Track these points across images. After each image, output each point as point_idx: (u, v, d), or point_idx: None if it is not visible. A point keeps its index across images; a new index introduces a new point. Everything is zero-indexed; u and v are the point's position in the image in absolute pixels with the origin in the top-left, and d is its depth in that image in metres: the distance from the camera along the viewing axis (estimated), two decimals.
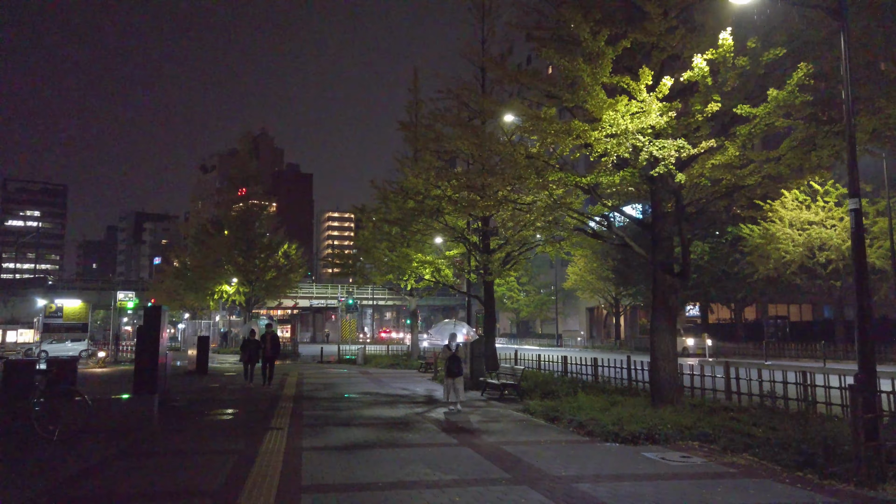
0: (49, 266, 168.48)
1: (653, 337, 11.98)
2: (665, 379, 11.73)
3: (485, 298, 22.52)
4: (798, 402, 11.40)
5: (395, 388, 18.83)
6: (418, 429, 11.22)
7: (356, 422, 12.07)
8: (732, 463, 8.29)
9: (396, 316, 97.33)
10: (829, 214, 34.86)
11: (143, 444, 9.80)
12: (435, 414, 13.20)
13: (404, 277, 28.09)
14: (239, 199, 44.44)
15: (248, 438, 10.22)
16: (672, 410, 11.09)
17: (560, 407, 12.51)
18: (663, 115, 9.19)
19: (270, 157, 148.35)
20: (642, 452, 8.96)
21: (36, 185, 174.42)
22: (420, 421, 12.20)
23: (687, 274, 11.74)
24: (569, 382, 16.78)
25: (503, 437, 10.41)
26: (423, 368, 25.75)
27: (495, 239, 23.31)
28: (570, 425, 11.27)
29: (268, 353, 19.19)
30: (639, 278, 48.93)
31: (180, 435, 10.67)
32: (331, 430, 11.07)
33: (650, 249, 11.89)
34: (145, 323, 15.07)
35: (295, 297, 73.51)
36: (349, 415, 13.04)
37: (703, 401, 12.78)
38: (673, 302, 11.92)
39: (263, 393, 17.32)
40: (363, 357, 31.40)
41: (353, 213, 30.94)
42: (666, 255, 11.83)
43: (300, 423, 11.82)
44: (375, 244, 28.33)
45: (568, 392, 14.94)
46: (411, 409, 14.10)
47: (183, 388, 18.84)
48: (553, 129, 10.20)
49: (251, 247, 42.90)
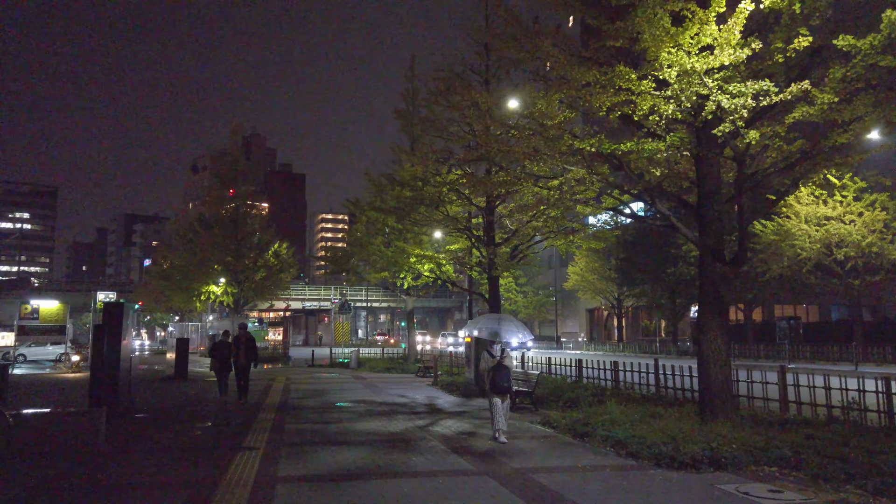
0: (39, 269, 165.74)
1: (701, 337, 10.05)
2: (717, 386, 9.79)
3: (490, 295, 20.56)
4: (880, 415, 9.49)
5: (392, 396, 16.86)
6: (422, 448, 9.25)
7: (347, 438, 10.09)
8: (843, 502, 6.34)
9: (391, 318, 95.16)
10: (848, 209, 33.12)
11: (75, 473, 7.78)
12: (440, 428, 11.23)
13: (401, 275, 26.13)
14: (228, 197, 42.45)
15: (212, 463, 8.23)
16: (728, 425, 9.17)
17: (589, 420, 10.56)
18: (742, 49, 7.20)
19: (262, 158, 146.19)
20: (715, 484, 7.00)
21: (25, 186, 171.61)
22: (423, 437, 10.23)
23: (742, 260, 9.83)
24: (586, 388, 14.86)
25: (529, 460, 8.44)
26: (420, 373, 23.81)
27: (500, 232, 21.39)
28: (605, 443, 9.32)
29: (241, 359, 14.92)
30: (643, 278, 47.16)
31: (128, 459, 8.66)
32: (316, 450, 9.09)
33: (698, 233, 9.93)
34: (104, 322, 13.09)
35: (287, 299, 71.43)
36: (339, 429, 11.06)
37: (755, 412, 10.87)
38: (725, 295, 9.99)
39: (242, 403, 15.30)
40: (357, 360, 29.41)
41: (347, 207, 28.97)
42: (716, 239, 9.89)
43: (280, 441, 9.83)
44: (370, 239, 26.37)
45: (591, 401, 13.00)
46: (411, 421, 12.13)
47: (155, 395, 16.83)
48: (589, 78, 8.22)
49: (240, 246, 40.95)
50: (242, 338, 15.09)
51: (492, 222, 20.45)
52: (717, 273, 9.85)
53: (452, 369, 22.49)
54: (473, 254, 22.61)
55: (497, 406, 9.72)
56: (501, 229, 21.71)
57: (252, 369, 15.38)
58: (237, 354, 14.95)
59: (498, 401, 9.74)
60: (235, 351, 14.99)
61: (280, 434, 10.53)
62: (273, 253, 43.71)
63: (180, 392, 17.90)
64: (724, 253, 9.93)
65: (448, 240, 24.20)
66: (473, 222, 22.55)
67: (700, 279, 10.15)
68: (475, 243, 20.58)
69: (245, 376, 14.97)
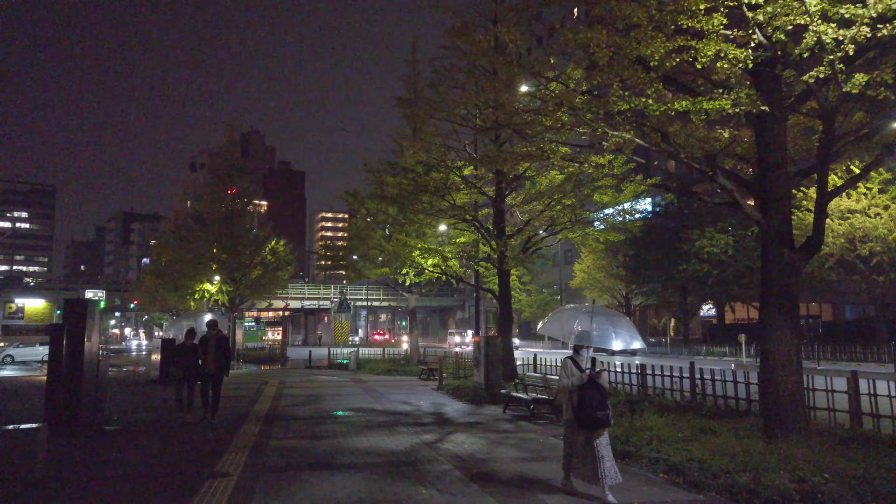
0: (37, 268, 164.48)
1: (765, 337, 8.39)
2: (787, 396, 8.13)
3: (499, 291, 18.93)
4: None
5: (395, 402, 15.20)
6: (433, 475, 7.59)
7: (341, 460, 8.43)
8: None
9: (392, 318, 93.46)
10: (873, 202, 31.53)
11: None
12: (451, 445, 9.56)
13: (402, 270, 24.48)
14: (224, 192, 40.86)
15: (169, 498, 6.59)
16: (803, 445, 7.52)
17: (629, 436, 8.91)
18: None
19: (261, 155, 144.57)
20: None
21: (24, 185, 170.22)
22: (433, 458, 8.56)
23: (816, 247, 8.19)
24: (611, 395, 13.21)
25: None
26: (424, 375, 22.13)
27: (509, 224, 19.77)
28: (654, 467, 7.66)
29: (209, 365, 11.72)
30: (653, 275, 45.52)
31: (63, 491, 6.98)
32: (301, 479, 7.43)
33: (761, 213, 8.25)
34: (64, 321, 11.43)
35: (285, 298, 69.91)
36: (333, 447, 9.40)
37: (819, 425, 9.19)
38: (794, 287, 8.32)
39: (225, 411, 13.64)
40: (356, 362, 27.75)
41: (345, 200, 27.31)
42: (783, 221, 8.24)
43: (260, 465, 8.17)
44: (370, 233, 24.73)
45: (621, 409, 11.34)
46: (418, 435, 10.46)
47: (133, 403, 15.19)
48: (640, 15, 6.54)
49: (236, 242, 39.39)
50: (212, 339, 11.88)
51: (502, 212, 18.81)
52: (785, 261, 8.19)
53: (459, 372, 20.82)
54: (480, 248, 21.00)
55: (595, 446, 6.46)
56: (511, 221, 20.09)
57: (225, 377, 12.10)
58: (205, 360, 11.79)
59: (586, 439, 6.58)
60: (203, 355, 11.83)
61: (262, 454, 8.86)
62: (270, 250, 42.19)
63: (162, 398, 16.24)
64: (791, 237, 8.27)
65: (453, 233, 22.58)
66: (481, 214, 20.93)
67: (763, 269, 8.48)
68: (484, 235, 18.93)
69: (216, 388, 11.87)
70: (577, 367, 6.83)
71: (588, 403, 6.50)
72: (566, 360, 6.97)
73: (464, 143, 19.12)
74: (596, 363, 6.86)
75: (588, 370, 6.74)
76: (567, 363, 6.92)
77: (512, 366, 18.25)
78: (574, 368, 6.83)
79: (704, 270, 41.11)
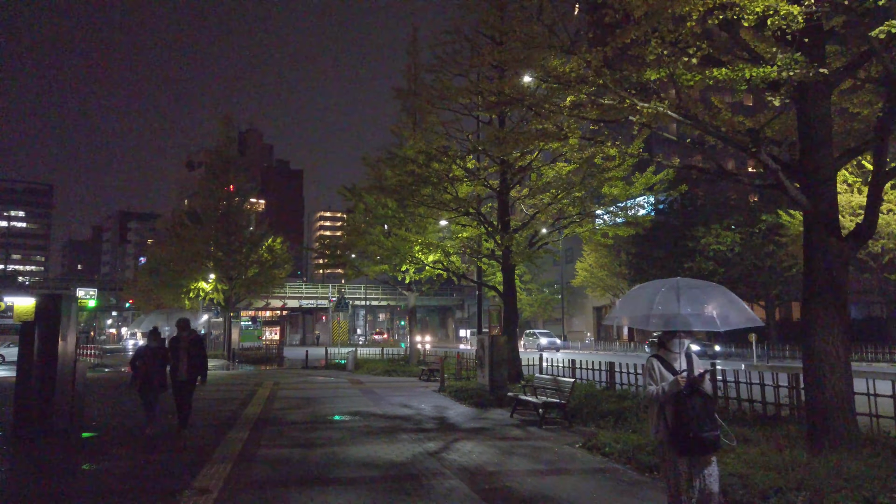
0: (34, 267, 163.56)
1: (809, 335, 7.51)
2: (834, 402, 7.27)
3: (504, 288, 18.06)
4: None
5: (394, 405, 14.32)
6: (439, 491, 6.71)
7: (336, 473, 7.56)
8: None
9: (391, 317, 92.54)
10: (885, 198, 30.68)
11: None
12: (458, 455, 8.68)
13: (402, 267, 23.60)
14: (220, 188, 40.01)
15: None
16: (855, 456, 6.67)
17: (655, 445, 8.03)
18: None
19: (259, 153, 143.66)
20: None
21: (20, 184, 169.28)
22: (437, 471, 7.67)
23: (868, 234, 7.33)
24: (625, 397, 12.35)
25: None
26: (424, 376, 21.26)
27: (514, 219, 18.91)
28: None
29: (181, 372, 10.05)
30: (657, 274, 44.66)
31: None
32: (290, 497, 6.55)
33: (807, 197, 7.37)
34: (36, 319, 10.55)
35: (283, 297, 69.08)
36: (327, 457, 8.51)
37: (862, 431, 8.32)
38: (842, 279, 7.45)
39: (213, 415, 12.77)
40: (354, 362, 26.88)
41: (343, 194, 26.42)
42: (829, 206, 7.38)
43: (245, 479, 7.29)
44: (368, 228, 23.84)
45: (641, 415, 10.45)
46: (420, 443, 9.58)
47: (117, 407, 14.31)
48: None
49: (231, 240, 38.56)
50: (184, 341, 10.14)
51: (506, 205, 17.94)
52: (833, 252, 7.32)
53: (461, 373, 19.92)
54: (483, 245, 20.15)
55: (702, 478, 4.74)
56: (516, 217, 19.24)
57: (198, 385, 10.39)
58: (175, 365, 10.04)
59: (687, 468, 4.79)
60: (173, 360, 10.07)
61: (248, 466, 7.98)
62: (267, 248, 41.36)
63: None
64: (839, 224, 7.40)
65: (455, 229, 21.72)
66: (484, 209, 20.07)
67: (806, 260, 7.61)
68: (488, 230, 18.06)
69: (186, 398, 10.26)
70: (666, 369, 4.89)
71: (688, 419, 4.62)
72: (651, 359, 5.03)
73: (466, 134, 18.26)
74: (694, 361, 4.90)
75: (685, 372, 4.80)
76: (653, 364, 4.96)
77: (517, 367, 17.40)
78: (663, 370, 4.89)
79: (710, 269, 40.30)
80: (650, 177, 16.79)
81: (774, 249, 37.40)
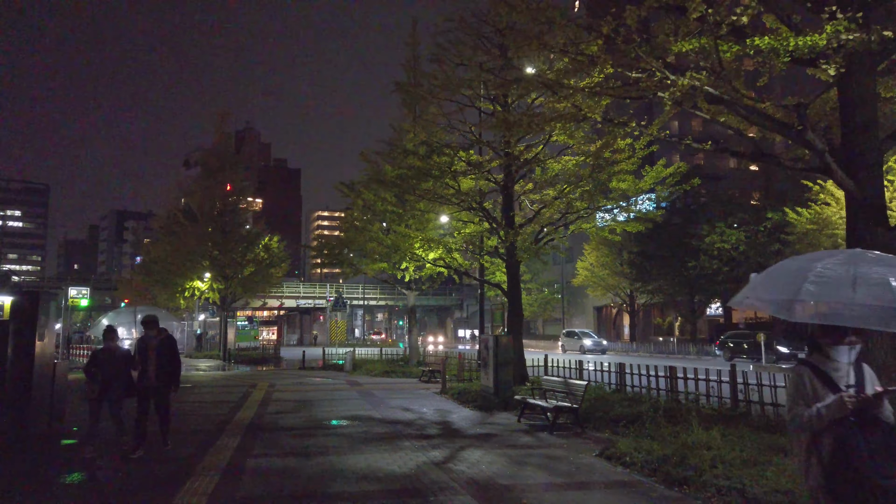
0: (31, 266, 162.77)
1: None
2: None
3: (508, 286, 17.40)
4: None
5: (394, 409, 13.63)
6: None
7: (332, 488, 6.85)
8: None
9: (389, 317, 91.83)
10: (894, 195, 30.03)
11: None
12: (465, 465, 7.98)
13: (402, 265, 22.91)
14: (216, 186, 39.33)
15: None
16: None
17: (684, 455, 7.34)
18: None
19: (257, 152, 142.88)
20: None
21: (17, 184, 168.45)
22: (445, 485, 6.97)
23: None
24: (639, 401, 11.68)
25: None
26: (425, 377, 20.56)
27: (518, 214, 18.24)
28: (725, 498, 6.11)
29: (150, 378, 8.67)
30: (659, 273, 44.01)
31: None
32: None
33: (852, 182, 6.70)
34: (11, 317, 9.86)
35: (280, 297, 68.37)
36: (323, 468, 7.81)
37: None
38: None
39: (203, 420, 12.06)
40: (352, 362, 26.19)
41: (340, 190, 25.76)
42: (876, 193, 6.71)
43: (231, 494, 6.60)
44: (367, 225, 23.16)
45: (658, 420, 9.78)
46: (423, 451, 8.88)
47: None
48: None
49: (227, 239, 37.88)
50: (152, 342, 8.73)
51: (511, 199, 17.27)
52: (880, 242, 6.65)
53: (463, 374, 19.23)
54: (486, 242, 19.48)
55: None
56: (521, 214, 18.56)
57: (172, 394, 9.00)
58: (144, 370, 8.65)
59: None
60: (141, 363, 8.67)
61: (236, 478, 7.28)
62: (263, 246, 40.70)
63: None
64: (886, 212, 6.74)
65: (457, 225, 21.03)
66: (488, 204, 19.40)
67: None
68: (492, 225, 17.38)
69: (163, 406, 8.89)
70: (823, 383, 3.31)
71: (858, 458, 3.07)
72: (800, 367, 3.43)
73: (469, 126, 17.59)
74: (866, 374, 3.35)
75: (853, 388, 3.24)
76: (803, 375, 3.37)
77: (524, 369, 16.74)
78: (818, 385, 3.32)
79: (714, 267, 39.65)
80: (660, 170, 16.13)
81: (780, 248, 36.72)
